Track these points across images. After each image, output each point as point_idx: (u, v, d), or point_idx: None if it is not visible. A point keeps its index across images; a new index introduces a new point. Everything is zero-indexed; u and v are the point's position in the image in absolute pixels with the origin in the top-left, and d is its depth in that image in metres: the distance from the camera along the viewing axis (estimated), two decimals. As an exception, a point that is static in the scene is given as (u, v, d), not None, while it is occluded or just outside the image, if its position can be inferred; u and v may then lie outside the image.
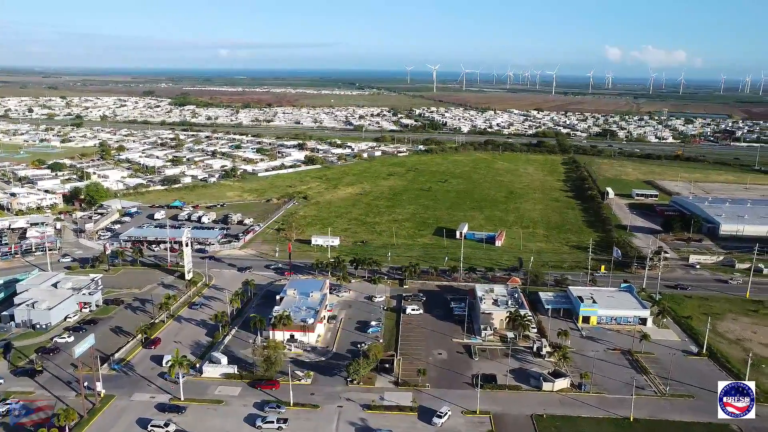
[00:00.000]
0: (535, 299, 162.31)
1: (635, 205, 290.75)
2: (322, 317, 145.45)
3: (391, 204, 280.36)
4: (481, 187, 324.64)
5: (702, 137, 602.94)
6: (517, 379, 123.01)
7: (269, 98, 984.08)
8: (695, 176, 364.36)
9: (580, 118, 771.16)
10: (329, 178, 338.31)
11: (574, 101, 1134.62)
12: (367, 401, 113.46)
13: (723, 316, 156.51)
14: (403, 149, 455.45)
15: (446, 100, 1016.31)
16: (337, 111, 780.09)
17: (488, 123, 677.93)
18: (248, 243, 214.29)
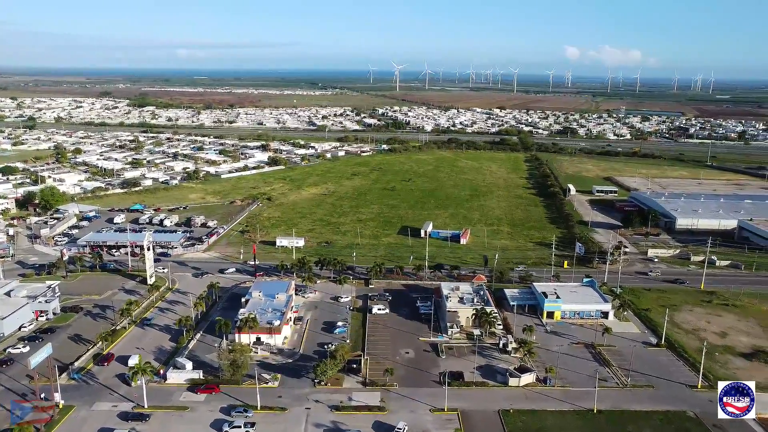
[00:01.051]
0: (500, 296, 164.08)
1: (596, 201, 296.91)
2: (288, 319, 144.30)
3: (356, 204, 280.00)
4: (445, 186, 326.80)
5: (658, 134, 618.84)
6: (484, 375, 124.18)
7: (231, 99, 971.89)
8: (652, 172, 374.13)
9: (541, 116, 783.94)
10: (293, 179, 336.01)
11: (536, 99, 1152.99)
12: (335, 402, 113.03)
13: (680, 308, 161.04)
14: (366, 149, 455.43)
15: (409, 99, 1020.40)
16: (300, 111, 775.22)
17: (451, 121, 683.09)
18: (212, 245, 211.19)
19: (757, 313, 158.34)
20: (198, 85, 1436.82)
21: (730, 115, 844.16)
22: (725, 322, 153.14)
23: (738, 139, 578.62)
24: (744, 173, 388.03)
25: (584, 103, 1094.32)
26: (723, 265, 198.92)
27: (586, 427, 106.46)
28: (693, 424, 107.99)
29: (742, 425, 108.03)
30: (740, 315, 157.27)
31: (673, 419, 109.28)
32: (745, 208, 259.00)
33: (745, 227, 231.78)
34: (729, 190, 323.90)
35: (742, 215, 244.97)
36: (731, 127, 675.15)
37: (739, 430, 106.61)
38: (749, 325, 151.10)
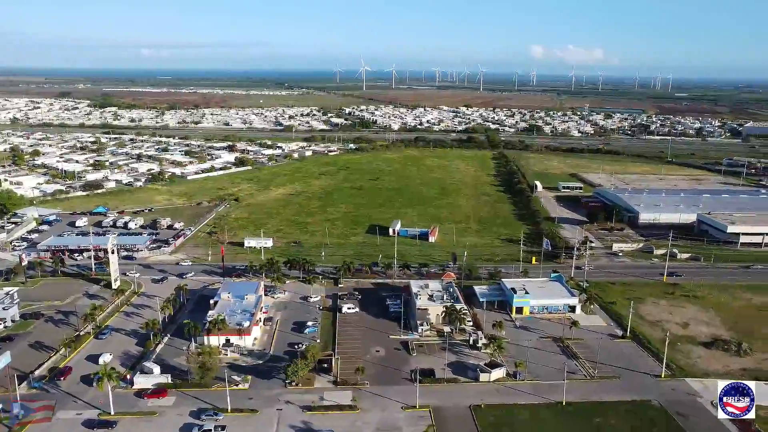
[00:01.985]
0: (469, 293, 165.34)
1: (562, 197, 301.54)
2: (258, 320, 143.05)
3: (324, 203, 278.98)
4: (413, 184, 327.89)
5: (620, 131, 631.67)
6: (455, 371, 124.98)
7: (196, 99, 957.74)
8: (616, 168, 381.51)
9: (507, 114, 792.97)
10: (260, 179, 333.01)
11: (502, 98, 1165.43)
12: (306, 402, 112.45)
13: (644, 300, 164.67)
14: (333, 148, 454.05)
15: (376, 99, 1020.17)
16: (266, 111, 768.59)
17: (418, 120, 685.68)
18: (179, 248, 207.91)
19: (716, 304, 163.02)
20: (162, 86, 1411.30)
21: (687, 112, 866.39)
22: (687, 313, 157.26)
23: (696, 136, 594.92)
24: (702, 168, 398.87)
25: (549, 101, 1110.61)
26: (684, 257, 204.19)
27: (555, 420, 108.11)
28: (657, 413, 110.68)
29: (701, 410, 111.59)
30: (701, 306, 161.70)
31: (639, 409, 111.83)
32: (703, 202, 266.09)
33: (703, 221, 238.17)
34: (688, 185, 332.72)
35: (701, 209, 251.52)
36: (689, 124, 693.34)
37: (699, 416, 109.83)
38: (709, 316, 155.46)
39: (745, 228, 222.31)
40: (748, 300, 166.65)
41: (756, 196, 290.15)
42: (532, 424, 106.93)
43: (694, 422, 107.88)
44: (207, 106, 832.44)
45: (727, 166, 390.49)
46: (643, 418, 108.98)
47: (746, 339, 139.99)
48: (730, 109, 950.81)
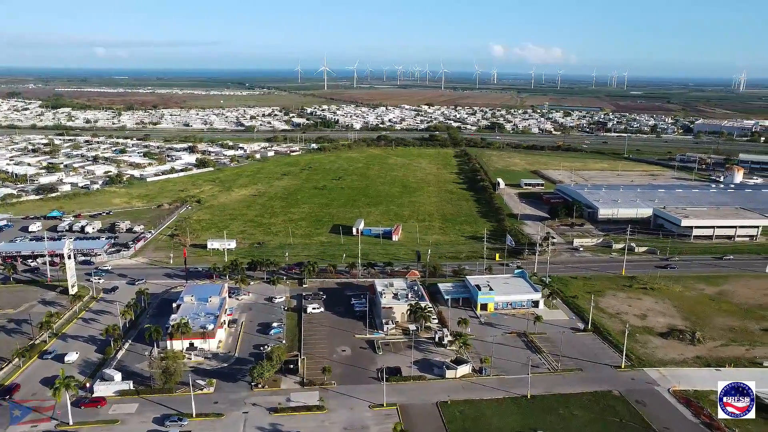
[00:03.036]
0: (434, 290, 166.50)
1: (524, 194, 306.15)
2: (222, 322, 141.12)
3: (287, 204, 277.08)
4: (376, 183, 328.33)
5: (579, 129, 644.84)
6: (421, 369, 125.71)
7: (154, 100, 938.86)
8: (575, 165, 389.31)
9: (469, 112, 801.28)
10: (222, 181, 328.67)
11: (463, 96, 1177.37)
12: (273, 404, 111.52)
13: (604, 293, 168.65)
14: (296, 148, 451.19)
15: (337, 98, 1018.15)
16: (227, 112, 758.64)
17: (380, 119, 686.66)
18: (140, 251, 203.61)
19: (672, 295, 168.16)
20: (118, 86, 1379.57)
21: (642, 110, 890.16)
22: (644, 304, 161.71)
23: (650, 133, 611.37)
24: (657, 164, 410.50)
25: (510, 99, 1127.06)
26: (641, 251, 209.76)
27: (520, 413, 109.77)
28: (618, 402, 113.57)
29: (658, 398, 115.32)
30: (657, 297, 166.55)
31: (600, 399, 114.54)
32: (658, 197, 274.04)
33: (659, 215, 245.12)
34: (644, 180, 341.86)
35: (656, 204, 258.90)
36: (644, 121, 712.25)
37: (657, 403, 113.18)
38: (665, 307, 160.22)
39: (697, 221, 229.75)
40: (701, 291, 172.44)
41: (707, 191, 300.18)
42: (498, 418, 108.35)
43: (652, 409, 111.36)
44: (166, 107, 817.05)
45: (680, 161, 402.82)
46: (604, 408, 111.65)
47: (699, 328, 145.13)
48: (681, 106, 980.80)
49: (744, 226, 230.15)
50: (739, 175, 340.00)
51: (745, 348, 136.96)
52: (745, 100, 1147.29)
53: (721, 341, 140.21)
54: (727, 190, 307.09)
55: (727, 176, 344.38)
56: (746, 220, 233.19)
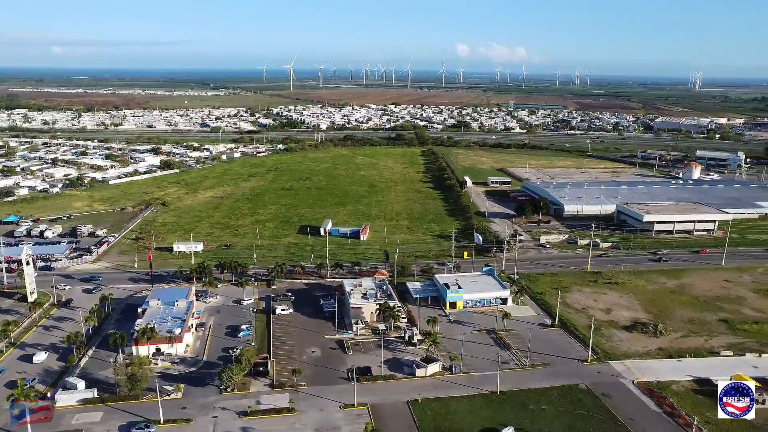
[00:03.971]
0: (403, 290, 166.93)
1: (491, 192, 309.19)
2: (189, 326, 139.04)
3: (254, 205, 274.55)
4: (343, 183, 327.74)
5: (544, 127, 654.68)
6: (391, 368, 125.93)
7: (116, 100, 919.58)
8: (541, 162, 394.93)
9: (435, 111, 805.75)
10: (188, 183, 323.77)
11: (430, 95, 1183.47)
12: (243, 408, 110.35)
13: (570, 289, 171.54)
14: (262, 149, 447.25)
15: (304, 98, 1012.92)
16: (192, 113, 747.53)
17: (347, 119, 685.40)
18: (102, 255, 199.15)
19: (635, 289, 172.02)
20: (77, 86, 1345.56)
21: (605, 108, 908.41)
22: (609, 299, 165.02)
23: (613, 130, 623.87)
24: (619, 161, 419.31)
25: (476, 97, 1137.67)
26: (605, 246, 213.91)
27: (490, 409, 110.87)
28: (585, 395, 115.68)
29: (623, 390, 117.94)
30: (621, 292, 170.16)
31: (568, 393, 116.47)
32: (621, 194, 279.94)
33: (622, 211, 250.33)
34: (607, 177, 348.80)
35: (619, 200, 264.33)
36: (607, 119, 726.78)
37: (621, 395, 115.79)
38: (629, 301, 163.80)
39: (658, 217, 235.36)
40: (662, 284, 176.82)
41: (667, 187, 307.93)
42: (468, 414, 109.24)
43: (617, 400, 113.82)
44: (128, 108, 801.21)
45: (641, 158, 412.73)
46: (572, 401, 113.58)
47: (662, 321, 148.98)
48: (642, 105, 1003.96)
49: (702, 220, 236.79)
50: (696, 171, 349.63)
51: (704, 339, 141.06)
52: (701, 99, 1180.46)
53: (681, 333, 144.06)
54: (686, 185, 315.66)
55: (686, 172, 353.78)
56: (704, 215, 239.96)
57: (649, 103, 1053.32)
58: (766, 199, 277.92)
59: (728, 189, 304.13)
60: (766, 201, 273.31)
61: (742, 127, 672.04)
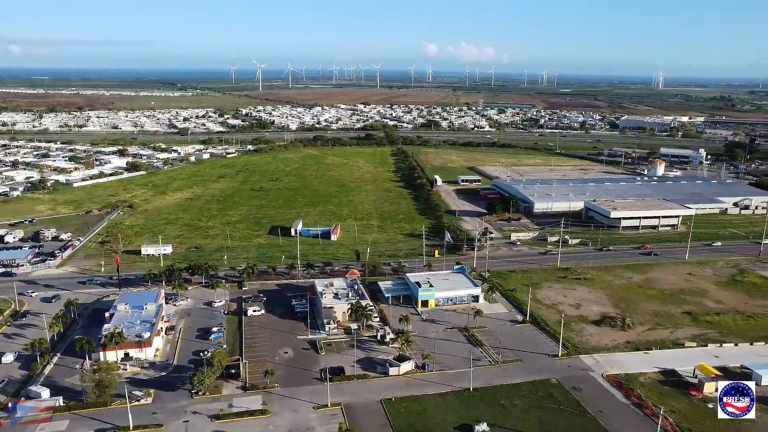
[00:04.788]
0: (375, 289, 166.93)
1: (461, 190, 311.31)
2: (159, 329, 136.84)
3: (224, 206, 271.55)
4: (313, 183, 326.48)
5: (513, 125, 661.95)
6: (364, 368, 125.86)
7: (79, 101, 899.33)
8: (510, 161, 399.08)
9: (405, 110, 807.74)
10: (156, 184, 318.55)
11: (399, 94, 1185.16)
12: (215, 411, 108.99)
13: (540, 285, 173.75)
14: (231, 150, 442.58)
15: (273, 99, 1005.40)
16: (159, 114, 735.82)
17: (316, 119, 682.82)
18: (67, 260, 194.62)
19: (603, 284, 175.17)
20: (38, 86, 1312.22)
21: (572, 107, 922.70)
22: (579, 294, 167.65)
23: (580, 129, 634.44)
24: (586, 159, 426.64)
25: (445, 96, 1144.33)
26: (574, 243, 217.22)
27: (463, 406, 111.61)
28: (556, 390, 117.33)
29: (593, 383, 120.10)
30: (590, 287, 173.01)
31: (539, 387, 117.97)
32: (589, 191, 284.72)
33: (590, 207, 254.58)
34: (576, 174, 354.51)
35: (587, 197, 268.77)
36: (574, 118, 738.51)
37: (591, 388, 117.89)
38: (598, 296, 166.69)
39: (625, 213, 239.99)
40: (629, 279, 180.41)
41: (633, 183, 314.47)
42: (442, 412, 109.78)
43: (587, 394, 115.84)
44: (92, 109, 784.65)
45: (607, 156, 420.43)
46: (543, 396, 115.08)
47: (629, 314, 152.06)
48: (607, 103, 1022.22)
49: (666, 216, 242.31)
50: (660, 168, 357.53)
51: (669, 331, 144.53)
52: (664, 98, 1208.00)
53: (648, 326, 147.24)
54: (651, 182, 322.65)
55: (651, 169, 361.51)
56: (668, 211, 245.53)
57: (615, 101, 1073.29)
58: (725, 194, 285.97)
59: (690, 185, 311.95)
60: (725, 196, 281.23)
61: (703, 125, 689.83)
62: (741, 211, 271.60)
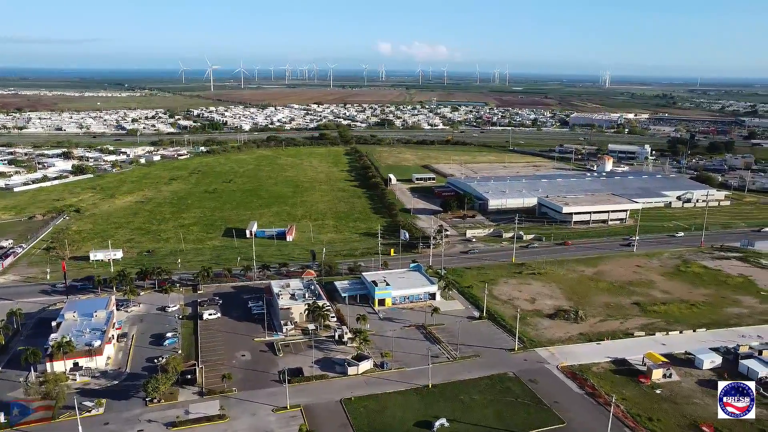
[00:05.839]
0: (331, 289, 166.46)
1: (416, 189, 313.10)
2: (110, 337, 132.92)
3: (177, 209, 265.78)
4: (267, 184, 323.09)
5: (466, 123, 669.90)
6: (323, 368, 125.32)
7: (18, 102, 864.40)
8: (464, 158, 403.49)
9: (359, 110, 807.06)
10: (104, 188, 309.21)
11: (352, 93, 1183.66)
12: (171, 418, 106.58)
13: (496, 281, 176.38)
14: (183, 152, 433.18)
15: (225, 99, 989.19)
16: (106, 115, 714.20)
17: (269, 119, 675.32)
18: (9, 268, 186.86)
19: (557, 278, 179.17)
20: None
21: (524, 105, 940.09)
22: (533, 289, 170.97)
23: (532, 126, 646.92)
24: (538, 155, 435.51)
25: (399, 95, 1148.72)
26: (528, 238, 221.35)
27: (423, 403, 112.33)
28: (513, 383, 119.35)
29: (549, 375, 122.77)
30: (544, 281, 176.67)
31: (497, 382, 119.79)
32: (542, 187, 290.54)
33: (543, 203, 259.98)
34: (528, 171, 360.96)
35: (540, 193, 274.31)
36: (526, 115, 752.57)
37: (547, 380, 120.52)
38: (552, 289, 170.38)
39: (576, 208, 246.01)
40: (581, 272, 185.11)
41: (583, 179, 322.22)
42: (402, 409, 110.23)
43: (543, 386, 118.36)
44: (34, 110, 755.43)
45: (558, 153, 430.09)
46: (501, 390, 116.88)
47: (582, 307, 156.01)
48: (558, 101, 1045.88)
49: (615, 210, 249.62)
50: (609, 164, 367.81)
51: (620, 321, 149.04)
52: (611, 95, 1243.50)
53: (599, 317, 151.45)
54: (600, 177, 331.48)
55: (599, 165, 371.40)
56: (617, 205, 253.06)
57: (565, 99, 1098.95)
58: (669, 188, 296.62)
59: (637, 180, 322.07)
60: (669, 190, 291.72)
61: (648, 122, 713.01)
62: (684, 204, 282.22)
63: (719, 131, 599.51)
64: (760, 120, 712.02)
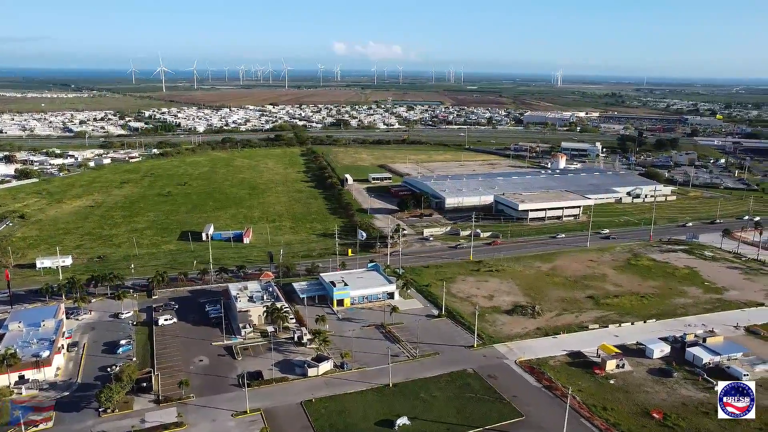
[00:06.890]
0: (289, 290, 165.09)
1: (373, 188, 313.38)
2: (60, 347, 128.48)
3: (129, 213, 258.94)
4: (223, 186, 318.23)
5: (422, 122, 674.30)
6: (283, 370, 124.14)
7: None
8: (421, 157, 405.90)
9: (314, 110, 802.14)
10: (51, 192, 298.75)
11: (307, 94, 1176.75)
12: (125, 428, 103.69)
13: (454, 279, 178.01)
14: (135, 154, 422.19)
15: (178, 100, 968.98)
16: (51, 116, 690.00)
17: (224, 121, 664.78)
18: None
19: (514, 275, 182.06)
20: None
21: (479, 103, 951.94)
22: (491, 286, 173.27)
23: (487, 124, 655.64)
24: (494, 154, 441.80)
25: (354, 95, 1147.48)
26: (486, 236, 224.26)
27: (384, 402, 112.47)
28: (473, 379, 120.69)
29: (507, 370, 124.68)
30: (502, 278, 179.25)
31: (457, 378, 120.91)
32: (498, 184, 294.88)
33: (499, 201, 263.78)
34: (484, 169, 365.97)
35: (496, 191, 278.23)
36: (481, 114, 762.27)
37: (506, 375, 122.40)
38: (509, 286, 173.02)
39: (532, 205, 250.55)
40: (538, 268, 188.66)
41: (538, 177, 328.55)
42: (363, 409, 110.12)
43: (502, 381, 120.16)
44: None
45: (513, 151, 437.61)
46: (461, 386, 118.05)
47: (538, 302, 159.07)
48: (512, 100, 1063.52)
49: (569, 206, 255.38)
50: (562, 162, 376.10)
51: (575, 315, 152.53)
52: (563, 95, 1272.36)
53: (555, 312, 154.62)
54: (554, 175, 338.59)
55: (553, 163, 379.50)
56: (570, 202, 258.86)
57: (519, 98, 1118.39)
58: (619, 185, 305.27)
59: (589, 177, 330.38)
60: (620, 186, 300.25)
61: (598, 120, 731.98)
62: (633, 199, 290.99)
63: (665, 129, 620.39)
64: (701, 118, 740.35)
